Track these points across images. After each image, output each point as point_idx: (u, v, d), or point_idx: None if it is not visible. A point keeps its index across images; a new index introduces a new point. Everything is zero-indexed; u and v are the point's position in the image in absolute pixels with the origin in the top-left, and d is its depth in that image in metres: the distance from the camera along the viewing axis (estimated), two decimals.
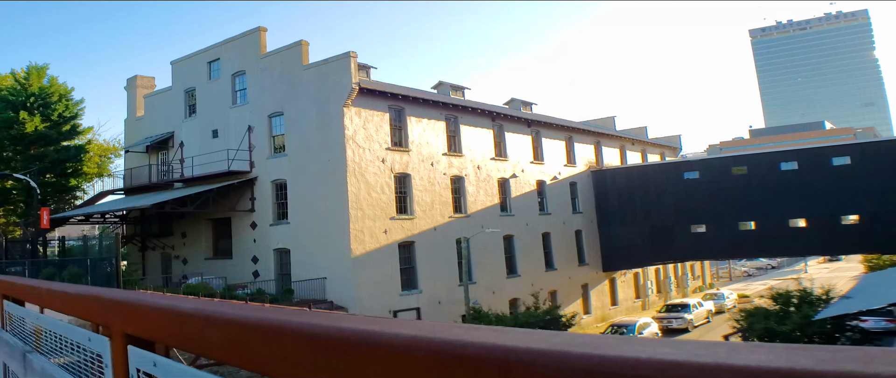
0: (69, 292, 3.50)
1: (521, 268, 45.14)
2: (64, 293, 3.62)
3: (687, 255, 55.67)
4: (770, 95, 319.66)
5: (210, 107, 41.22)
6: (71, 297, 3.42)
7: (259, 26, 39.41)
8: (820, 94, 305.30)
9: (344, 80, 34.89)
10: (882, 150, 45.78)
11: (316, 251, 35.19)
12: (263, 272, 37.24)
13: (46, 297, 3.96)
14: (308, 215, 35.94)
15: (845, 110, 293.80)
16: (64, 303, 3.54)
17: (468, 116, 43.22)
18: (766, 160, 48.93)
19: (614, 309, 54.93)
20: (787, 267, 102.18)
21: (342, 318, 1.41)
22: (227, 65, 40.68)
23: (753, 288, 74.96)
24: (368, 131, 36.00)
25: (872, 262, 57.14)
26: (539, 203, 48.74)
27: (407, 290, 36.59)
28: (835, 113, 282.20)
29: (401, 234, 36.90)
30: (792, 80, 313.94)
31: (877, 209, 42.90)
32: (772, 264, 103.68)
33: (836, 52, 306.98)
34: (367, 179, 35.37)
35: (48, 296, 3.92)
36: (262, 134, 38.40)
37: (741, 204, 48.15)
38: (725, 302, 57.68)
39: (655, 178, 52.82)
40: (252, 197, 38.62)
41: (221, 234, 40.72)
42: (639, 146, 64.08)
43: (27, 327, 4.32)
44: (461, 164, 41.90)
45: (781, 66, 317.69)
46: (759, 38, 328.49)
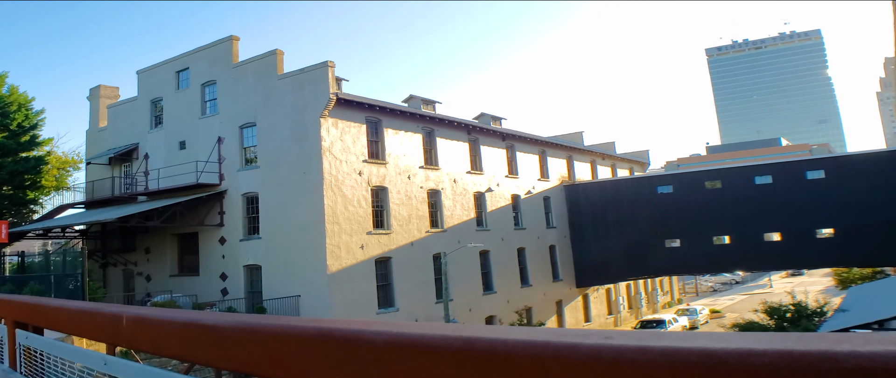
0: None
1: (498, 284, 44.22)
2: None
3: (661, 271, 55.21)
4: (726, 113, 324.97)
5: (177, 117, 39.72)
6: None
7: (231, 35, 38.11)
8: (775, 111, 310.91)
9: (321, 89, 33.71)
10: (856, 163, 45.69)
11: (289, 268, 33.78)
12: (233, 290, 35.75)
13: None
14: (281, 230, 34.58)
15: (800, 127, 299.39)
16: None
17: (444, 129, 42.34)
18: (741, 174, 48.62)
19: (588, 326, 54.21)
20: (752, 282, 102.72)
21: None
22: (197, 74, 39.26)
23: (722, 303, 74.94)
24: (345, 143, 34.83)
25: (842, 275, 57.20)
26: (514, 218, 47.95)
27: (384, 308, 35.38)
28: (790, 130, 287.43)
29: (377, 250, 35.71)
30: (747, 97, 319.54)
31: (851, 222, 42.75)
32: (736, 279, 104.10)
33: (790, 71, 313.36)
34: (343, 192, 34.16)
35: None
36: (233, 145, 37.01)
37: (715, 218, 47.78)
38: (698, 317, 57.30)
39: (628, 193, 52.31)
40: (221, 211, 37.16)
41: (187, 249, 39.14)
42: (609, 161, 63.75)
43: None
44: (438, 178, 40.92)
45: (737, 85, 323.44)
46: (715, 57, 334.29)
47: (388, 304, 35.81)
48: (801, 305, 28.56)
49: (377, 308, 34.97)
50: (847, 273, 56.25)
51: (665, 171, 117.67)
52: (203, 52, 39.37)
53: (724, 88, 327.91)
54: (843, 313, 25.55)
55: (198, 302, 33.24)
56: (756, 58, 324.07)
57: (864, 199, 42.28)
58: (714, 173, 50.81)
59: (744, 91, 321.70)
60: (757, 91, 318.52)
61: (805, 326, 26.10)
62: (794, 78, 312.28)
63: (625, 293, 61.79)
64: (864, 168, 44.04)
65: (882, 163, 43.70)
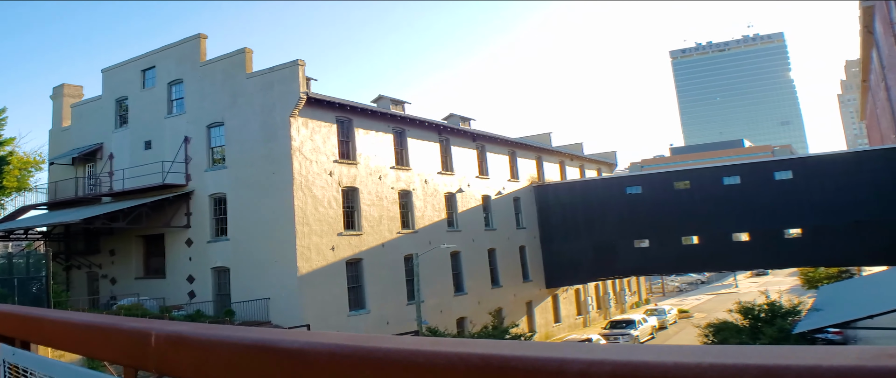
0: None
1: (469, 285, 43.97)
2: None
3: (630, 271, 55.26)
4: (690, 114, 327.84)
5: (143, 117, 38.92)
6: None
7: (199, 33, 37.43)
8: (738, 113, 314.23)
9: (291, 88, 33.19)
10: (823, 164, 46.05)
11: (258, 270, 33.19)
12: (200, 292, 35.06)
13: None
14: (250, 231, 33.98)
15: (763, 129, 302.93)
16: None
17: (415, 130, 42.00)
18: (709, 175, 48.76)
19: (557, 326, 54.16)
20: (717, 281, 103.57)
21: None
22: (164, 73, 38.50)
23: (689, 302, 75.37)
24: (316, 143, 34.33)
25: (809, 275, 57.70)
26: (485, 218, 47.73)
27: (355, 311, 34.90)
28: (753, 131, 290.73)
29: (348, 251, 35.25)
30: (711, 99, 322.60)
31: (819, 223, 43.08)
32: (701, 279, 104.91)
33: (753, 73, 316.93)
34: (313, 193, 33.66)
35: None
36: (200, 145, 36.33)
37: (684, 218, 47.89)
38: (667, 317, 57.48)
39: (598, 193, 52.30)
40: (188, 212, 36.45)
41: (153, 251, 38.35)
42: (577, 162, 63.77)
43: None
44: (409, 178, 40.56)
45: (701, 87, 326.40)
46: (679, 60, 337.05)
47: (360, 307, 35.37)
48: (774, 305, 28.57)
49: (348, 310, 34.49)
50: (813, 273, 56.77)
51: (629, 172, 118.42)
52: (170, 50, 38.64)
53: (687, 90, 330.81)
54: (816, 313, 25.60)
55: (165, 305, 32.54)
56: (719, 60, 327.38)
57: (832, 200, 42.61)
58: (683, 174, 50.95)
59: (707, 93, 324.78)
60: (720, 93, 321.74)
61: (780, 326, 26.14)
62: (757, 80, 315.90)
63: (593, 293, 61.86)
64: (831, 169, 44.38)
65: (849, 164, 44.08)
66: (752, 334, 26.60)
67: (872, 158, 42.53)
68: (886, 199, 40.69)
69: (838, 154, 50.07)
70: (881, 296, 25.72)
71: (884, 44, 37.21)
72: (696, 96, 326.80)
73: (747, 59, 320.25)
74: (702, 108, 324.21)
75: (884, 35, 36.30)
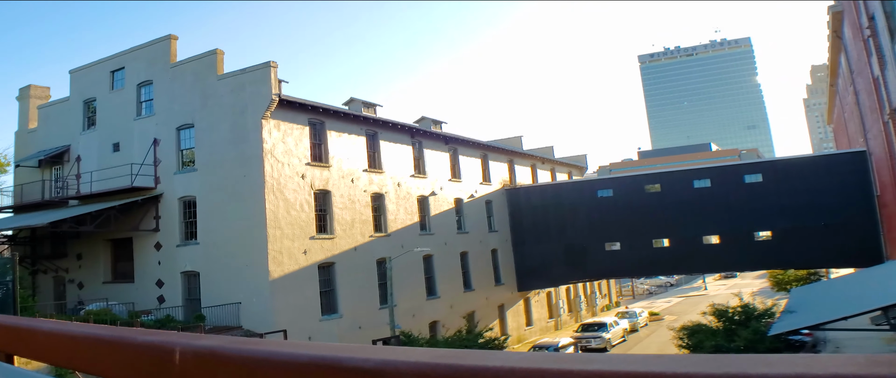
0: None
1: (441, 289, 43.76)
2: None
3: (602, 273, 55.45)
4: (657, 118, 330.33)
5: (112, 118, 38.25)
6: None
7: (169, 34, 36.85)
8: (705, 117, 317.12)
9: (263, 90, 32.78)
10: (793, 167, 46.43)
11: (229, 274, 32.72)
12: (170, 297, 34.48)
13: None
14: (220, 235, 33.50)
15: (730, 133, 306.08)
16: None
17: (388, 132, 41.75)
18: (680, 178, 48.97)
19: (529, 330, 54.12)
20: (686, 284, 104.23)
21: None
22: (133, 74, 37.87)
23: (659, 305, 75.69)
24: (288, 145, 33.95)
25: (778, 277, 58.17)
26: (457, 221, 47.56)
27: (327, 315, 34.56)
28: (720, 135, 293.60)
29: (321, 255, 34.90)
30: (678, 104, 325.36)
31: (788, 225, 43.42)
32: (671, 282, 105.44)
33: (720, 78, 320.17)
34: (285, 196, 33.28)
35: None
36: (170, 147, 35.76)
37: (655, 221, 48.07)
38: (638, 320, 57.62)
39: (569, 196, 52.38)
40: (157, 215, 35.86)
41: (122, 255, 37.68)
42: (548, 165, 63.83)
43: None
44: (382, 181, 40.29)
45: (668, 91, 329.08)
46: (647, 64, 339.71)
47: (332, 311, 35.03)
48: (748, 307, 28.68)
49: (321, 315, 34.14)
50: (782, 275, 57.22)
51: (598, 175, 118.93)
52: (140, 51, 38.02)
53: (655, 94, 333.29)
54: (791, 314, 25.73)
55: (134, 310, 31.99)
56: (687, 65, 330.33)
57: (801, 203, 42.97)
58: (653, 177, 51.16)
59: (675, 97, 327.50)
60: (688, 97, 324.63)
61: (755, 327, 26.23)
62: (724, 84, 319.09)
63: (565, 296, 61.93)
64: (800, 172, 44.75)
65: (818, 167, 44.49)
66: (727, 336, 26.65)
67: (841, 162, 42.95)
68: (854, 202, 41.14)
69: (807, 157, 50.62)
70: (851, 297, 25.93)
71: (852, 48, 37.57)
72: (663, 100, 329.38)
73: (714, 64, 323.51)
74: (669, 112, 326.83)
75: (852, 40, 36.64)
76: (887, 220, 38.29)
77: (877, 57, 29.88)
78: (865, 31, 31.22)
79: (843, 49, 43.02)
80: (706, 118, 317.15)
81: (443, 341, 33.11)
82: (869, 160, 40.62)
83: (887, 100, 29.50)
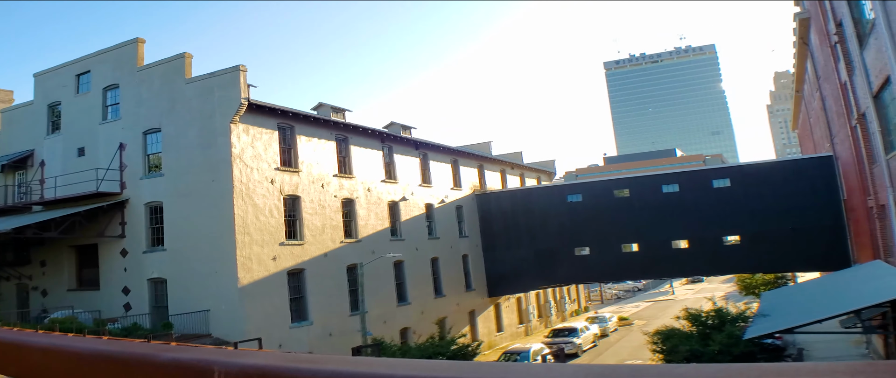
0: None
1: (412, 295, 43.48)
2: None
3: (572, 279, 55.44)
4: (623, 124, 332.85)
5: (77, 123, 37.51)
6: None
7: (136, 37, 36.22)
8: (670, 123, 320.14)
9: (232, 94, 32.30)
10: (760, 171, 46.78)
11: (197, 281, 32.14)
12: (136, 305, 33.82)
13: None
14: (188, 241, 32.91)
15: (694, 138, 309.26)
16: None
17: (358, 137, 41.42)
18: (649, 183, 49.12)
19: (500, 335, 53.99)
20: (654, 288, 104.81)
21: None
22: (99, 78, 37.16)
23: (628, 310, 75.96)
24: (257, 150, 33.48)
25: (746, 281, 58.56)
26: (428, 227, 47.33)
27: (297, 322, 34.09)
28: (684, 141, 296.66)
29: (290, 261, 34.44)
30: (643, 110, 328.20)
31: (757, 229, 43.69)
32: (638, 286, 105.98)
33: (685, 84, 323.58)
34: (254, 201, 32.80)
35: None
36: (136, 152, 35.10)
37: (624, 226, 48.15)
38: (608, 325, 57.69)
39: (539, 201, 52.28)
40: (123, 221, 35.19)
41: (87, 262, 36.90)
42: (517, 170, 63.84)
43: None
44: (352, 186, 39.94)
45: (634, 98, 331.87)
46: (613, 71, 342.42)
47: (302, 318, 34.59)
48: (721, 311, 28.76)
49: (291, 322, 33.67)
50: (750, 279, 57.58)
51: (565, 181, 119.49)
52: (106, 54, 37.33)
53: (621, 101, 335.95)
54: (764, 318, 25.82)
55: (100, 318, 31.32)
56: (652, 71, 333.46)
57: (769, 207, 43.24)
58: (622, 182, 51.26)
59: (640, 103, 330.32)
60: (653, 103, 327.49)
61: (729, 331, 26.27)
62: (688, 91, 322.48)
63: (535, 302, 61.93)
64: (768, 177, 45.05)
65: (786, 171, 44.81)
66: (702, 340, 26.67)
67: (808, 166, 43.30)
68: (822, 206, 41.49)
69: (775, 162, 51.13)
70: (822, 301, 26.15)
71: (819, 55, 37.92)
72: (629, 106, 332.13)
73: (679, 71, 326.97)
74: (635, 118, 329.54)
75: (819, 46, 36.98)
76: (854, 224, 38.65)
77: (844, 63, 30.14)
78: (833, 38, 31.50)
79: (810, 55, 43.45)
80: (671, 124, 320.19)
81: (416, 348, 32.80)
82: (835, 165, 41.01)
83: (855, 105, 29.76)
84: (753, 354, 25.46)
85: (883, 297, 20.16)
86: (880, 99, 24.69)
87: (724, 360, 25.46)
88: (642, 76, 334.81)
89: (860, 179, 32.72)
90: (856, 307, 20.69)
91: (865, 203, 32.52)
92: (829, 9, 31.09)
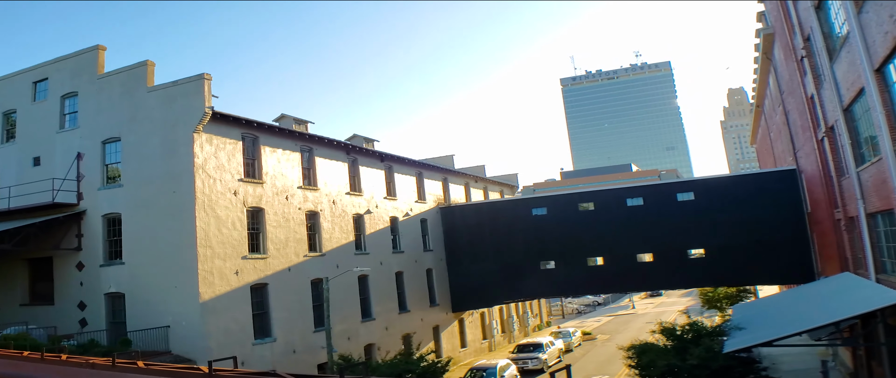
0: None
1: (376, 310, 42.75)
2: None
3: (537, 293, 55.14)
4: (579, 140, 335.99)
5: (33, 131, 36.21)
6: None
7: (97, 45, 35.09)
8: (626, 138, 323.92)
9: (196, 103, 31.37)
10: (724, 185, 47.03)
11: (157, 296, 31.04)
12: (93, 320, 32.58)
13: None
14: (147, 254, 31.83)
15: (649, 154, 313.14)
16: None
17: (323, 149, 40.70)
18: (613, 196, 48.95)
19: (464, 351, 53.42)
20: (614, 303, 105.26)
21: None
22: (57, 85, 35.96)
23: (590, 324, 75.90)
24: (220, 160, 32.56)
25: (708, 294, 58.74)
26: (392, 240, 46.66)
27: (260, 339, 33.11)
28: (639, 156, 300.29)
29: (253, 276, 33.51)
30: (599, 125, 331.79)
31: (721, 243, 43.73)
32: (598, 301, 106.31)
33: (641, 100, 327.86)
34: (217, 214, 31.86)
35: None
36: (95, 162, 33.92)
37: (589, 240, 47.96)
38: (572, 340, 57.43)
39: (504, 215, 51.83)
40: (79, 233, 33.99)
41: (41, 276, 35.52)
42: (481, 184, 63.51)
43: None
44: (317, 199, 39.16)
45: (590, 113, 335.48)
46: (569, 87, 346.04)
47: (265, 334, 33.65)
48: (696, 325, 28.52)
49: (253, 338, 32.71)
50: (713, 292, 57.82)
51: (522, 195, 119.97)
52: (65, 61, 36.12)
53: (577, 117, 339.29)
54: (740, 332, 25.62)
55: (55, 334, 30.09)
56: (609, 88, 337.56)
57: (733, 221, 43.29)
58: (587, 195, 51.04)
59: (596, 119, 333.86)
60: (609, 119, 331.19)
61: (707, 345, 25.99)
62: (644, 107, 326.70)
63: (498, 317, 61.50)
64: (732, 190, 45.22)
65: (750, 185, 45.00)
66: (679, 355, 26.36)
67: (772, 180, 43.50)
68: (786, 220, 41.65)
69: (739, 176, 51.40)
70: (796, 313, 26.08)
71: (784, 69, 38.18)
72: (585, 122, 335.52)
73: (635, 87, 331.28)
74: (591, 133, 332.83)
75: (784, 60, 37.22)
76: (819, 237, 38.88)
77: (812, 76, 30.29)
78: (800, 52, 31.66)
79: (773, 70, 43.81)
80: (627, 139, 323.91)
81: (384, 365, 32.01)
82: (799, 178, 41.28)
83: (823, 118, 29.90)
84: (732, 368, 25.22)
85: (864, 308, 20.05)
86: (851, 112, 24.74)
87: (703, 374, 25.16)
88: (599, 92, 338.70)
89: (827, 192, 32.86)
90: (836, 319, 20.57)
91: (832, 216, 32.66)
92: (797, 24, 31.25)
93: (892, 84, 18.14)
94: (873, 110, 19.47)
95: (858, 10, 19.45)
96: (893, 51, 17.07)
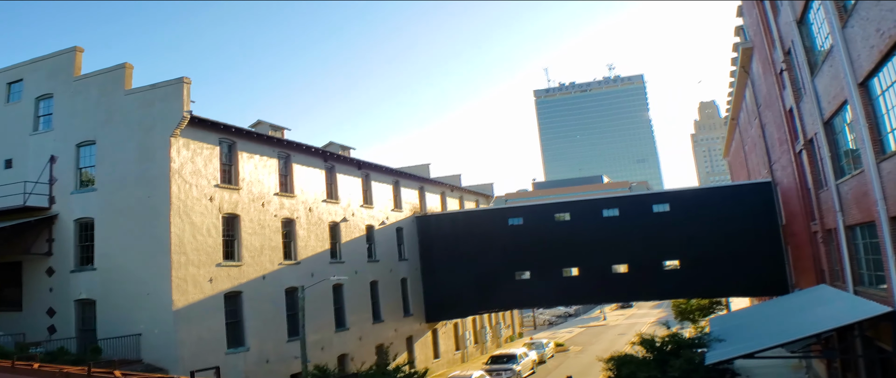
0: None
1: (350, 320, 42.31)
2: None
3: (512, 303, 54.98)
4: (551, 151, 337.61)
5: (5, 133, 35.39)
6: None
7: (74, 46, 34.48)
8: (597, 150, 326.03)
9: (174, 107, 30.86)
10: (700, 197, 47.33)
11: (129, 303, 30.37)
12: (62, 328, 31.82)
13: None
14: (119, 260, 31.18)
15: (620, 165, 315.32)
16: None
17: (301, 155, 40.30)
18: (589, 207, 48.92)
19: (437, 362, 53.11)
20: (585, 314, 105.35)
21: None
22: (32, 86, 35.26)
23: (562, 335, 75.90)
24: (197, 165, 32.06)
25: (681, 306, 58.92)
26: (368, 249, 46.29)
27: (233, 349, 32.55)
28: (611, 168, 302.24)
29: (227, 283, 32.98)
30: (571, 137, 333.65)
31: (696, 254, 43.89)
32: (569, 312, 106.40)
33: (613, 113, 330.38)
34: (192, 220, 31.33)
35: None
36: (68, 165, 33.26)
37: (565, 250, 47.86)
38: (545, 351, 57.30)
39: (480, 224, 51.60)
40: (50, 238, 33.27)
41: (9, 281, 34.63)
42: (457, 193, 63.32)
43: None
44: (293, 206, 38.73)
45: (562, 125, 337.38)
46: (542, 99, 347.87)
47: (238, 344, 33.12)
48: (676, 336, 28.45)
49: (227, 347, 32.16)
50: (685, 304, 58.01)
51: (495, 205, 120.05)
52: (41, 62, 35.45)
53: (550, 128, 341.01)
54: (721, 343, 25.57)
55: (23, 341, 29.39)
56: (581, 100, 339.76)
57: (708, 232, 43.46)
58: (563, 206, 50.94)
59: (568, 131, 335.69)
60: (581, 131, 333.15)
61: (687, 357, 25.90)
62: (616, 119, 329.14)
63: (471, 327, 61.25)
64: (708, 202, 45.47)
65: (726, 197, 45.27)
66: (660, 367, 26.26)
67: (747, 192, 43.69)
68: (761, 232, 41.84)
69: (715, 188, 51.70)
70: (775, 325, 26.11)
71: (762, 83, 38.44)
72: (557, 134, 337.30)
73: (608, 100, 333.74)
74: (563, 144, 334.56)
75: (763, 74, 37.47)
76: (794, 250, 39.09)
77: (791, 90, 30.46)
78: (780, 65, 31.86)
79: (751, 83, 44.12)
80: (598, 151, 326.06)
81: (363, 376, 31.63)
82: (775, 191, 41.52)
83: (802, 131, 30.06)
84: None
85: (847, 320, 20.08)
86: (831, 125, 24.86)
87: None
88: (571, 104, 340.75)
89: (804, 205, 33.01)
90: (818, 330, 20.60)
91: (808, 228, 32.80)
92: (777, 38, 31.44)
93: (877, 97, 18.19)
94: (856, 123, 19.53)
95: (843, 24, 19.52)
96: (879, 65, 17.13)
